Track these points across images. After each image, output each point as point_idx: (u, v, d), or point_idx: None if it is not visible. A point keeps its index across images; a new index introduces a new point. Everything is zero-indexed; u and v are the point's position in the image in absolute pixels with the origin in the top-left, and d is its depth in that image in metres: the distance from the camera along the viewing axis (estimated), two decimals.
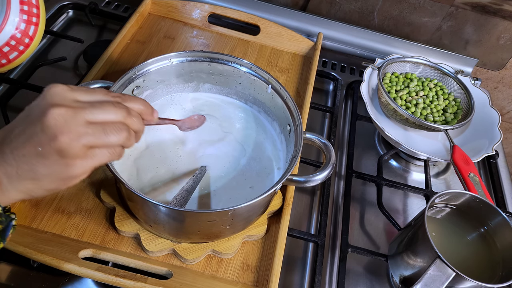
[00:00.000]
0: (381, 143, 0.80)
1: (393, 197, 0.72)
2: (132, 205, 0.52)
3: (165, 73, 0.60)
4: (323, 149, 0.54)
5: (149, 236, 0.53)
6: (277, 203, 0.59)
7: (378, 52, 0.94)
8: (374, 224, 0.68)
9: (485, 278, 0.50)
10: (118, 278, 0.48)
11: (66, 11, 0.90)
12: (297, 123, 0.54)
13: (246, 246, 0.56)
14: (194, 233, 0.51)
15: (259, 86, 0.61)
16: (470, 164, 0.67)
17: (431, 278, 0.48)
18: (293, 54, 0.85)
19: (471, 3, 0.87)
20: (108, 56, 0.71)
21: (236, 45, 0.84)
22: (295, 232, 0.61)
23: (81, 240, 0.53)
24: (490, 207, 0.54)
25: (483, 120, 0.78)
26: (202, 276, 0.52)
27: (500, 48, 0.94)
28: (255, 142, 0.61)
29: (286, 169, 0.50)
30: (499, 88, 1.06)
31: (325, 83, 0.90)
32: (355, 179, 0.71)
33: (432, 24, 0.93)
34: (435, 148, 0.76)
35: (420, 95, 0.79)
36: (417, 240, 0.53)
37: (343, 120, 0.83)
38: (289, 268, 0.60)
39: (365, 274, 0.62)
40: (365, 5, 0.92)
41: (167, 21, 0.86)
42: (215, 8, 0.85)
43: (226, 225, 0.50)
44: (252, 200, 0.46)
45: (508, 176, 0.80)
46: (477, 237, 0.56)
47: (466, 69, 0.95)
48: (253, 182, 0.57)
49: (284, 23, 0.89)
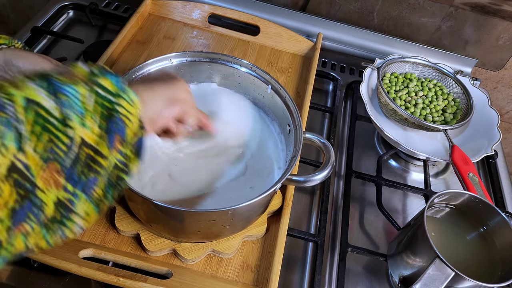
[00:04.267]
0: (380, 143, 0.81)
1: (393, 197, 0.73)
2: (132, 204, 0.52)
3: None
4: (323, 149, 0.54)
5: (149, 235, 0.53)
6: (277, 203, 0.59)
7: (377, 52, 0.95)
8: (374, 224, 0.68)
9: (484, 278, 0.51)
10: (118, 277, 0.48)
11: (66, 11, 0.90)
12: (297, 123, 0.55)
13: (246, 246, 0.56)
14: (194, 233, 0.52)
15: (259, 86, 0.61)
16: (469, 164, 0.67)
17: (431, 277, 0.48)
18: (292, 55, 0.85)
19: (470, 4, 0.87)
20: (109, 56, 0.71)
21: (236, 45, 0.84)
22: (295, 232, 0.61)
23: (82, 240, 0.53)
24: (489, 207, 0.54)
25: (482, 120, 0.78)
26: (202, 275, 0.52)
27: (499, 48, 0.94)
28: (256, 142, 0.61)
29: (286, 169, 0.50)
30: (499, 88, 1.06)
31: (324, 83, 0.90)
32: (354, 179, 0.71)
33: (432, 25, 0.93)
34: (434, 148, 0.76)
35: (419, 95, 0.80)
36: (416, 240, 0.53)
37: (342, 120, 0.83)
38: (289, 267, 0.60)
39: (364, 273, 0.62)
40: (365, 5, 0.93)
41: (167, 21, 0.86)
42: (215, 8, 0.85)
43: (226, 225, 0.50)
44: (252, 200, 0.46)
45: (507, 176, 0.80)
46: (476, 237, 0.56)
47: (465, 69, 0.95)
48: (253, 182, 0.57)
49: (284, 24, 0.89)
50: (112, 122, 0.35)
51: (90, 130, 0.33)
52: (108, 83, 0.36)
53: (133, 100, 0.37)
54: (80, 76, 0.35)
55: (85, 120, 0.33)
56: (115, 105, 0.36)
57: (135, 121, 0.37)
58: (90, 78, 0.35)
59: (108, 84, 0.36)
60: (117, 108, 0.36)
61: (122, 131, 0.36)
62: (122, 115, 0.36)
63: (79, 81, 0.34)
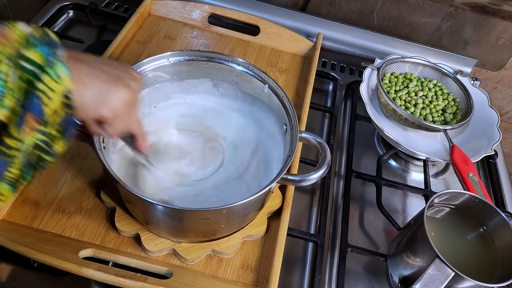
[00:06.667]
0: (380, 143, 0.81)
1: (393, 197, 0.73)
2: (129, 204, 0.52)
3: (163, 72, 0.60)
4: (319, 148, 0.54)
5: (149, 236, 0.53)
6: (276, 203, 0.59)
7: (377, 52, 0.95)
8: (374, 224, 0.68)
9: (484, 278, 0.51)
10: (118, 277, 0.48)
11: (66, 11, 0.90)
12: (293, 122, 0.55)
13: (246, 246, 0.56)
14: (189, 231, 0.52)
15: (256, 86, 0.61)
16: (469, 164, 0.67)
17: (430, 277, 0.48)
18: (292, 55, 0.85)
19: (470, 4, 0.87)
20: (108, 56, 0.71)
21: (236, 45, 0.84)
22: (295, 232, 0.61)
23: (82, 240, 0.53)
24: (489, 207, 0.54)
25: (482, 120, 0.78)
26: (202, 275, 0.52)
27: (499, 48, 0.94)
28: (254, 141, 0.62)
29: (281, 168, 0.50)
30: (498, 88, 1.06)
31: (324, 83, 0.90)
32: (354, 179, 0.71)
33: (432, 25, 0.93)
34: (434, 148, 0.76)
35: (419, 95, 0.80)
36: (416, 240, 0.53)
37: (342, 120, 0.83)
38: (288, 267, 0.60)
39: (364, 273, 0.62)
40: (365, 5, 0.93)
41: (167, 21, 0.86)
42: (215, 8, 0.85)
43: (221, 224, 0.50)
44: (246, 199, 0.46)
45: (507, 176, 0.80)
46: (476, 237, 0.56)
47: (465, 69, 0.95)
48: (250, 181, 0.57)
49: (284, 24, 0.89)
50: (27, 98, 0.32)
51: (9, 109, 0.31)
52: (37, 56, 0.32)
53: (59, 75, 0.33)
54: (12, 42, 0.32)
55: (4, 100, 0.30)
56: (34, 81, 0.32)
57: (56, 99, 0.33)
58: (20, 48, 0.32)
59: (37, 57, 0.32)
60: (36, 84, 0.32)
61: (37, 109, 0.32)
62: (40, 91, 0.32)
63: (3, 57, 0.31)
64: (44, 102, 0.33)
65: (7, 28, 0.32)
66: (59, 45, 0.35)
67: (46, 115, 0.33)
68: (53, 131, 0.34)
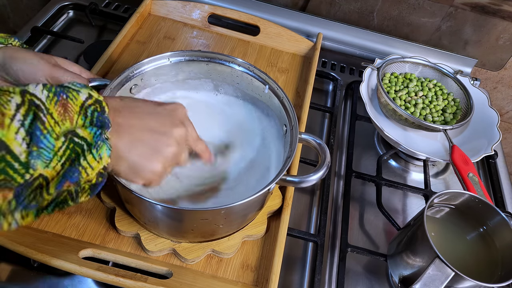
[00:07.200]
0: (380, 143, 0.81)
1: (393, 197, 0.73)
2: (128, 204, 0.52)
3: (163, 72, 0.60)
4: (318, 149, 0.54)
5: (149, 236, 0.53)
6: (276, 203, 0.59)
7: (377, 52, 0.95)
8: (374, 223, 0.68)
9: (484, 278, 0.51)
10: (118, 277, 0.48)
11: (66, 11, 0.90)
12: (293, 123, 0.55)
13: (246, 246, 0.56)
14: (188, 231, 0.51)
15: (256, 86, 0.61)
16: (469, 164, 0.67)
17: (430, 277, 0.48)
18: (292, 55, 0.85)
19: (470, 4, 0.87)
20: (109, 56, 0.71)
21: (236, 45, 0.84)
22: (295, 232, 0.61)
23: (82, 240, 0.53)
24: (489, 207, 0.54)
25: (482, 120, 0.78)
26: (202, 275, 0.52)
27: (499, 48, 0.94)
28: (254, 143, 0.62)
29: (280, 169, 0.50)
30: (498, 88, 1.06)
31: (324, 83, 0.90)
32: (354, 179, 0.71)
33: (432, 25, 0.93)
34: (434, 148, 0.76)
35: (419, 95, 0.80)
36: (416, 240, 0.53)
37: (342, 120, 0.83)
38: (288, 267, 0.60)
39: (364, 273, 0.62)
40: (365, 5, 0.93)
41: (167, 21, 0.86)
42: (215, 8, 0.85)
43: (219, 224, 0.50)
44: (244, 200, 0.46)
45: (507, 176, 0.80)
46: (476, 237, 0.56)
47: (465, 69, 0.95)
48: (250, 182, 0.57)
49: (284, 24, 0.89)
50: (69, 170, 0.35)
51: (52, 169, 0.34)
52: (88, 135, 0.36)
53: (101, 157, 0.37)
54: (72, 114, 0.36)
55: (50, 163, 0.34)
56: (80, 156, 0.36)
57: (92, 174, 0.37)
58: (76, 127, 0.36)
59: (87, 135, 0.36)
60: (80, 160, 0.36)
61: (75, 180, 0.36)
62: (82, 168, 0.36)
63: (61, 134, 0.35)
64: (83, 176, 0.36)
65: (69, 98, 0.36)
66: (108, 122, 0.38)
67: (80, 183, 0.37)
68: (86, 186, 0.38)
